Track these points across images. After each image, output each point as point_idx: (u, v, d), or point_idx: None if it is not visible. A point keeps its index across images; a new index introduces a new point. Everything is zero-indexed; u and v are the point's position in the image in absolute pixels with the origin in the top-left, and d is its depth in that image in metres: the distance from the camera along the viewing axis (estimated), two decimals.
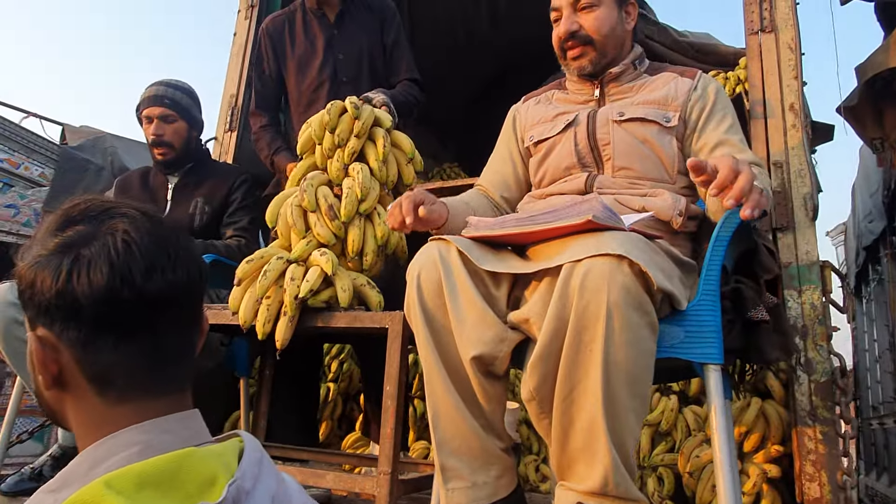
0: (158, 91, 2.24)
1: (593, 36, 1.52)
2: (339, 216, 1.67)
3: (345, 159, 1.77)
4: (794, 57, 2.01)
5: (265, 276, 1.54)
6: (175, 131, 2.24)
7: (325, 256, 1.59)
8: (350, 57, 2.30)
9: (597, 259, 1.07)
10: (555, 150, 1.57)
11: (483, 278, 1.26)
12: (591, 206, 1.12)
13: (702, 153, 1.47)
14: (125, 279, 0.67)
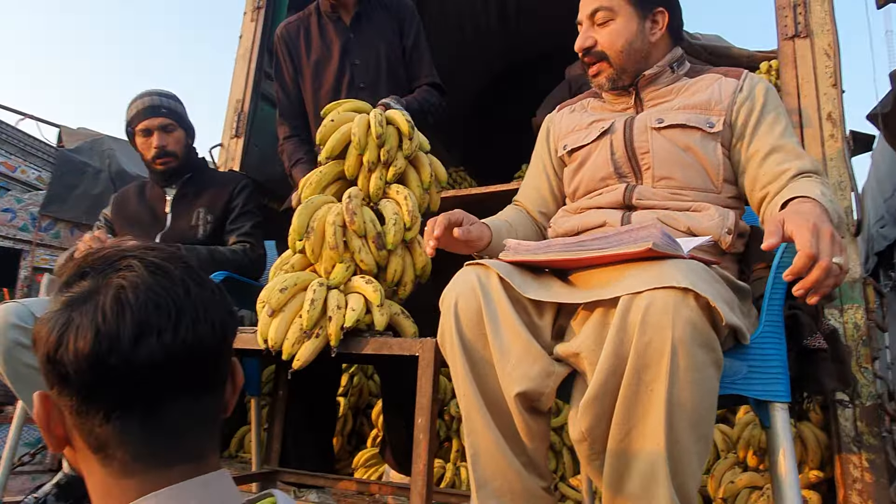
0: (153, 101, 2.13)
1: (607, 51, 1.43)
2: (385, 245, 1.57)
3: (388, 178, 1.67)
4: (831, 63, 1.93)
5: (313, 306, 1.42)
6: (177, 140, 2.15)
7: (372, 286, 1.50)
8: (367, 62, 2.20)
9: (659, 291, 0.98)
10: (590, 159, 1.48)
11: (526, 306, 1.18)
12: (649, 232, 1.04)
13: (753, 160, 1.36)
14: (112, 346, 0.60)
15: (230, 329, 0.68)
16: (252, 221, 2.17)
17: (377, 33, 2.23)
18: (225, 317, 0.67)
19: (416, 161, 1.74)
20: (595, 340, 1.06)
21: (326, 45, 2.23)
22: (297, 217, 1.58)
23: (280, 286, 1.46)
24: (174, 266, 0.66)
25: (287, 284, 1.46)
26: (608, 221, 1.38)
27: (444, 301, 1.22)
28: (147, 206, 2.20)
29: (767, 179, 1.32)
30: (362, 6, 2.24)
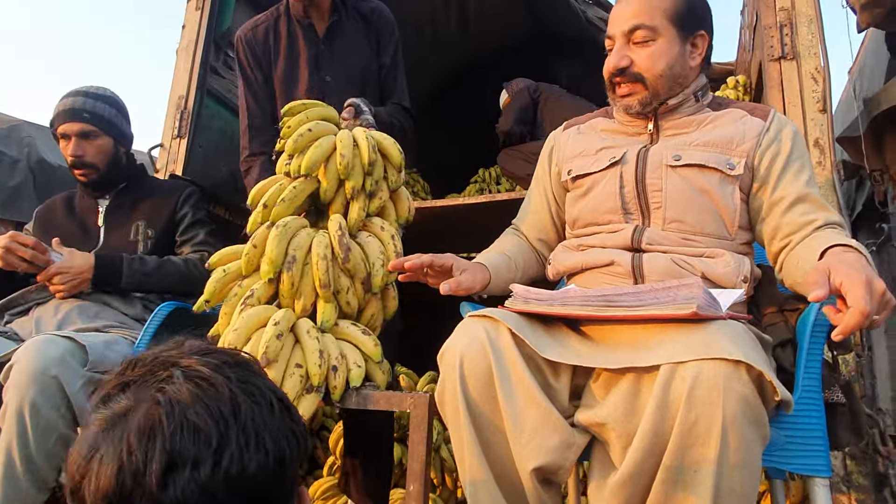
0: (76, 103, 1.85)
1: (645, 74, 1.31)
2: (371, 287, 1.40)
3: (371, 209, 1.50)
4: (819, 88, 1.89)
5: (323, 360, 1.24)
6: (98, 149, 1.87)
7: (371, 339, 1.33)
8: (339, 79, 1.97)
9: (707, 363, 0.87)
10: (595, 189, 1.36)
11: (540, 365, 1.05)
12: (692, 292, 0.92)
13: (777, 208, 1.27)
14: (136, 483, 0.49)
15: (292, 454, 0.55)
16: (206, 229, 1.95)
17: (352, 47, 2.01)
18: (285, 439, 0.54)
19: (396, 194, 1.58)
20: (626, 411, 0.94)
21: (295, 56, 1.99)
22: (273, 242, 1.35)
23: (274, 331, 1.24)
24: (224, 377, 0.54)
25: (282, 329, 1.26)
26: (616, 261, 1.27)
27: (446, 357, 1.08)
28: (77, 218, 1.93)
29: (791, 230, 1.24)
30: (339, 15, 2.01)
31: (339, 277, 1.38)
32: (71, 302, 1.72)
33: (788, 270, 1.20)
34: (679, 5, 1.31)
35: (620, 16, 1.33)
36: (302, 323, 1.30)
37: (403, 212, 1.57)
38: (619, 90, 1.34)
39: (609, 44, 1.35)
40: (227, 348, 0.63)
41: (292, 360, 1.24)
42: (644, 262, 1.25)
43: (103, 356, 1.50)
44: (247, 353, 0.65)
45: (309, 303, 1.37)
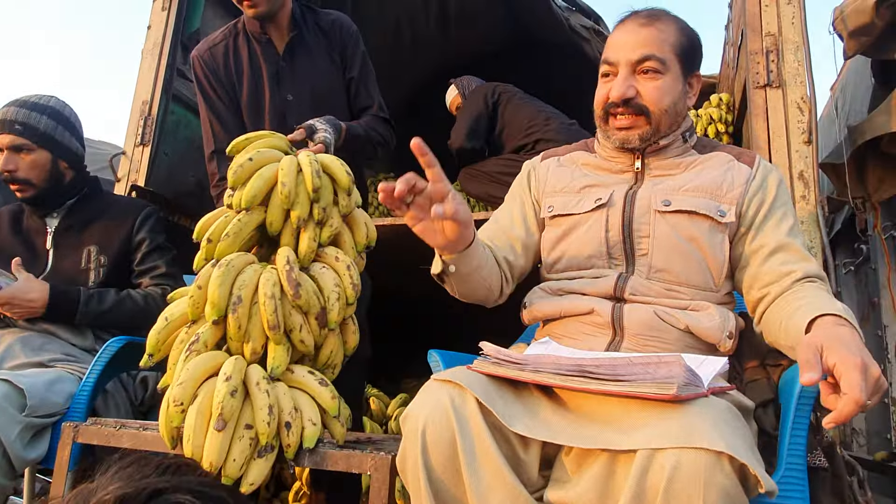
0: (7, 114, 1.71)
1: (651, 108, 1.23)
2: (327, 323, 1.30)
3: (322, 239, 1.39)
4: (805, 119, 1.83)
5: (272, 415, 1.14)
6: (32, 164, 1.73)
7: (328, 390, 1.22)
8: (301, 98, 1.86)
9: (688, 452, 0.80)
10: (578, 230, 1.29)
11: (507, 436, 0.97)
12: (671, 371, 0.85)
13: (756, 256, 1.22)
14: None
15: None
16: (166, 258, 1.81)
17: (314, 63, 1.89)
18: None
19: (351, 219, 1.47)
20: (599, 494, 0.87)
21: (256, 75, 1.86)
22: (215, 284, 1.24)
23: (228, 387, 1.13)
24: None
25: (236, 384, 1.14)
26: (597, 310, 1.20)
27: (409, 422, 1.00)
28: (23, 237, 1.79)
29: (770, 279, 1.20)
30: (298, 30, 1.89)
31: (291, 315, 1.27)
32: (13, 332, 1.60)
33: (770, 328, 1.15)
34: (684, 41, 1.25)
35: (628, 43, 1.24)
36: (252, 372, 1.20)
37: (361, 237, 1.45)
38: (618, 121, 1.26)
39: (607, 69, 1.27)
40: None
41: (241, 420, 1.14)
42: (625, 313, 1.19)
43: (44, 399, 1.40)
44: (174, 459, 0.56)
45: (259, 345, 1.26)
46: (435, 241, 1.11)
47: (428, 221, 1.08)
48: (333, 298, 1.31)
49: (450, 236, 1.10)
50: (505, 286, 1.35)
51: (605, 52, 1.28)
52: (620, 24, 1.29)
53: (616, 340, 1.19)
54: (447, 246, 1.13)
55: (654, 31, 1.24)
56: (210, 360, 1.21)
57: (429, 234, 1.10)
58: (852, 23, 1.89)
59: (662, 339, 1.18)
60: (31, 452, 1.36)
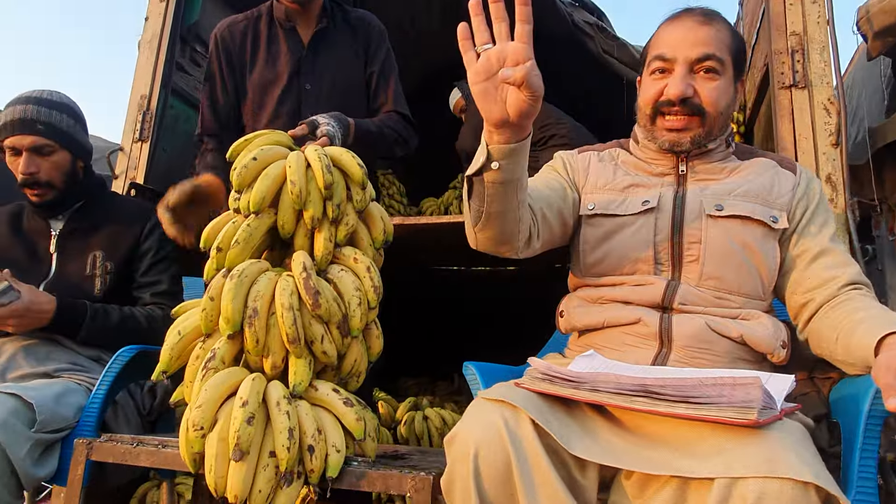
0: (27, 113, 1.59)
1: (708, 109, 1.18)
2: (350, 331, 1.23)
3: (339, 238, 1.30)
4: (832, 121, 1.80)
5: (293, 440, 1.06)
6: (54, 166, 1.63)
7: (353, 411, 1.15)
8: (320, 90, 1.81)
9: (772, 482, 0.75)
10: (623, 233, 1.24)
11: (565, 459, 0.92)
12: (749, 393, 0.80)
13: (800, 261, 1.20)
14: None
15: None
16: (169, 274, 1.72)
17: (337, 59, 1.84)
18: None
19: (367, 214, 1.37)
20: None
21: (274, 59, 1.81)
22: (229, 297, 1.15)
23: (244, 413, 1.04)
24: None
25: (252, 409, 1.06)
26: (644, 320, 1.16)
27: (458, 445, 0.94)
28: (24, 240, 1.68)
29: (813, 284, 1.18)
30: (327, 22, 1.85)
31: (311, 326, 1.19)
32: (14, 342, 1.51)
33: (821, 339, 1.12)
34: (738, 45, 1.22)
35: (687, 39, 1.19)
36: (272, 391, 1.12)
37: (378, 233, 1.37)
38: (669, 121, 1.21)
39: (661, 65, 1.21)
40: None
41: (265, 448, 1.07)
42: (674, 325, 1.14)
43: (53, 413, 1.32)
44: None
45: (279, 359, 1.19)
46: (490, 112, 0.96)
47: (490, 83, 0.94)
48: (355, 304, 1.24)
49: (511, 111, 0.94)
50: (533, 237, 1.22)
51: (657, 48, 1.22)
52: (675, 20, 1.24)
53: (663, 353, 1.15)
54: (502, 123, 0.96)
55: (713, 31, 1.19)
56: (228, 380, 1.14)
57: (487, 99, 0.95)
58: (878, 23, 1.86)
59: (712, 350, 1.13)
60: (40, 470, 1.28)
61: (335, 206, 1.28)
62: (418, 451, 1.40)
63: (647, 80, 1.26)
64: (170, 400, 1.26)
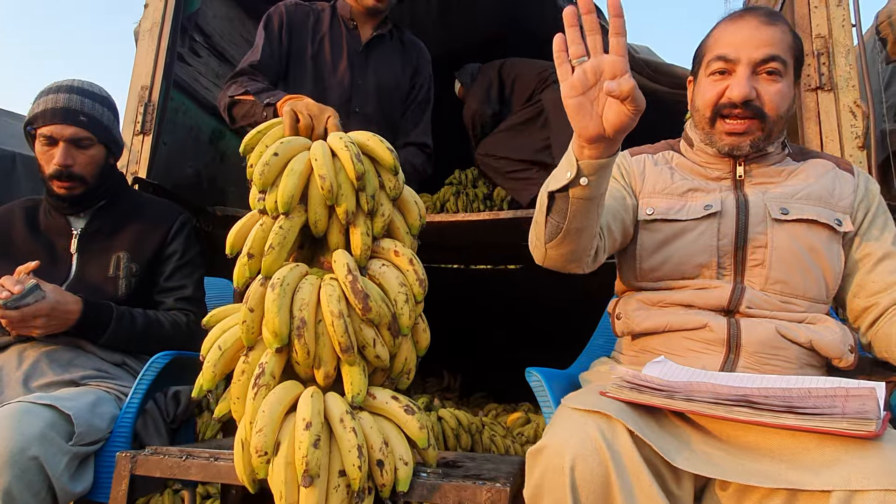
0: (71, 102, 1.52)
1: (769, 113, 1.17)
2: (400, 330, 1.17)
3: (377, 230, 1.23)
4: (858, 123, 1.82)
5: (362, 457, 1.01)
6: (90, 160, 1.56)
7: (416, 418, 1.09)
8: (368, 88, 1.89)
9: (894, 495, 0.74)
10: (685, 238, 1.22)
11: (659, 469, 0.90)
12: (864, 404, 0.79)
13: (863, 264, 1.20)
14: None
15: None
16: (194, 279, 1.65)
17: (387, 65, 1.95)
18: None
19: (401, 201, 1.29)
20: None
21: (334, 47, 1.88)
22: (273, 309, 1.08)
23: (310, 437, 0.99)
24: None
25: (318, 431, 1.01)
26: (710, 325, 1.14)
27: (550, 458, 0.91)
28: (42, 239, 1.59)
29: (878, 288, 1.19)
30: (383, 31, 1.96)
31: (361, 331, 1.14)
32: (36, 347, 1.43)
33: (893, 346, 1.12)
34: (799, 45, 1.20)
35: (752, 40, 1.17)
36: (332, 407, 1.06)
37: (414, 219, 1.29)
38: (728, 125, 1.19)
39: (725, 66, 1.19)
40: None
41: (333, 467, 1.01)
42: (742, 329, 1.13)
43: (90, 425, 1.25)
44: None
45: (331, 368, 1.13)
46: (585, 127, 0.93)
47: (585, 97, 0.91)
48: (402, 301, 1.17)
49: (608, 126, 0.92)
50: (600, 251, 1.20)
51: (718, 48, 1.20)
52: (738, 19, 1.22)
53: (731, 359, 1.14)
54: (597, 138, 0.93)
55: (778, 32, 1.18)
56: (284, 397, 1.07)
57: (583, 113, 0.92)
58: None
59: (781, 356, 1.13)
60: (77, 485, 1.21)
61: (369, 196, 1.20)
62: (467, 458, 1.37)
63: (706, 81, 1.24)
64: (214, 415, 1.20)
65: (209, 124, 2.98)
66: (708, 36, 1.28)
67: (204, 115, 2.91)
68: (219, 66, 3.05)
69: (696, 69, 1.29)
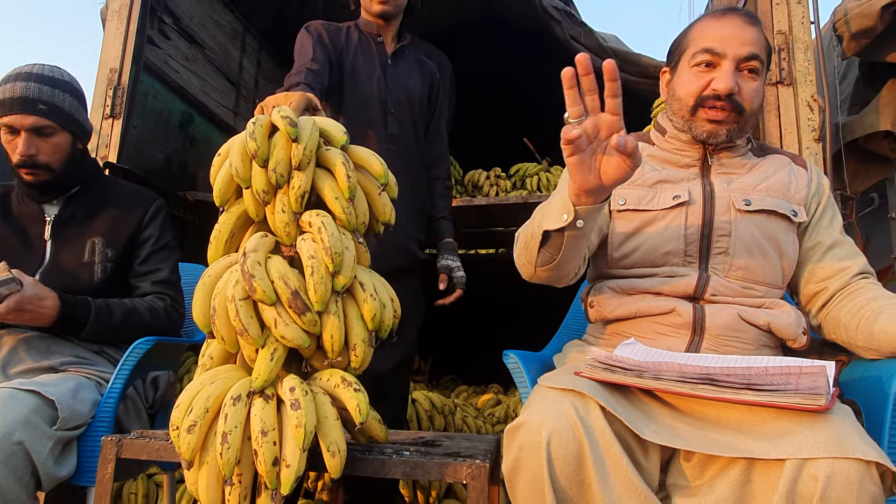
0: (28, 91, 1.48)
1: (746, 107, 1.24)
2: (310, 306, 1.12)
3: (293, 205, 1.19)
4: (815, 117, 1.91)
5: (227, 448, 1.00)
6: (55, 148, 1.53)
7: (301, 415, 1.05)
8: (399, 92, 1.98)
9: (841, 462, 0.82)
10: (654, 226, 1.29)
11: (629, 443, 0.97)
12: (815, 381, 0.87)
13: (814, 252, 1.30)
14: None
15: None
16: (170, 263, 1.65)
17: (409, 73, 2.04)
18: None
19: (326, 165, 1.23)
20: (736, 502, 0.88)
21: (369, 58, 1.97)
22: (196, 300, 1.14)
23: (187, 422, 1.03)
24: None
25: (195, 418, 1.03)
26: (678, 310, 1.21)
27: (527, 434, 0.96)
28: (14, 225, 1.57)
29: (827, 274, 1.28)
30: (402, 42, 2.05)
31: (264, 311, 1.12)
32: (13, 334, 1.42)
33: (839, 326, 1.21)
34: (769, 47, 1.28)
35: (737, 37, 1.23)
36: (232, 391, 1.07)
37: (342, 179, 1.20)
38: (710, 113, 1.25)
39: (711, 59, 1.24)
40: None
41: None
42: (707, 315, 1.20)
43: (73, 409, 1.26)
44: None
45: (251, 351, 1.13)
46: (584, 180, 0.98)
47: (587, 154, 0.97)
48: (308, 274, 1.12)
49: (606, 178, 0.98)
50: (582, 265, 1.29)
51: (704, 42, 1.26)
52: (721, 17, 1.27)
53: (695, 341, 1.21)
54: (596, 189, 1.00)
55: (758, 33, 1.25)
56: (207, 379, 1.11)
57: (583, 168, 0.97)
58: (856, 26, 1.99)
59: (741, 339, 1.20)
60: (61, 469, 1.23)
61: (273, 172, 1.17)
62: (445, 437, 1.42)
63: (690, 71, 1.29)
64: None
65: (179, 108, 2.95)
66: (689, 30, 1.34)
67: (174, 99, 2.87)
68: (188, 49, 3.00)
69: (676, 60, 1.34)
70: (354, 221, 1.22)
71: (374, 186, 1.30)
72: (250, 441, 1.05)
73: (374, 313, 1.18)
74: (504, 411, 2.90)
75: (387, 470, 1.12)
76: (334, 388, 1.14)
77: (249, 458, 1.05)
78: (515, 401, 3.03)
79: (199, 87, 3.10)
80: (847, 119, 2.25)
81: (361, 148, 1.31)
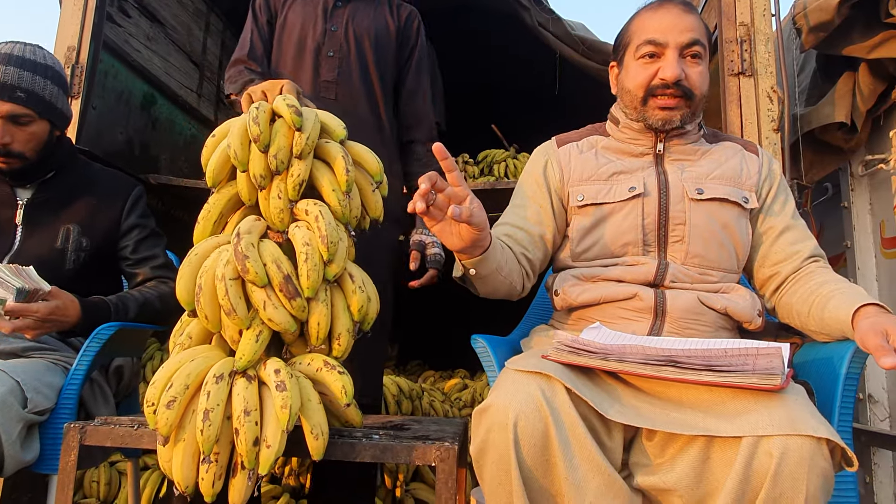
0: (7, 76, 1.42)
1: (695, 92, 1.29)
2: (301, 291, 1.15)
3: (290, 193, 1.21)
4: (774, 108, 1.97)
5: (208, 425, 1.01)
6: (31, 137, 1.48)
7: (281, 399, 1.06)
8: (345, 35, 1.77)
9: (794, 439, 0.86)
10: (612, 219, 1.32)
11: (593, 423, 0.99)
12: (771, 362, 0.90)
13: (767, 236, 1.34)
14: None
15: None
16: (161, 247, 1.62)
17: (366, 16, 1.82)
18: None
19: (325, 157, 1.26)
20: (695, 478, 0.92)
21: (309, 4, 1.80)
22: (181, 278, 1.14)
23: (166, 398, 1.03)
24: None
25: (175, 394, 1.04)
26: (640, 295, 1.25)
27: (494, 415, 0.98)
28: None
29: (780, 258, 1.33)
30: None
31: (253, 293, 1.14)
32: None
33: (792, 310, 1.26)
34: (710, 33, 1.33)
35: (677, 26, 1.27)
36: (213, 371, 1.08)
37: (341, 172, 1.23)
38: (661, 101, 1.28)
39: (652, 49, 1.28)
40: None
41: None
42: (668, 299, 1.24)
43: (39, 392, 1.24)
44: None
45: (234, 332, 1.16)
46: (452, 243, 1.13)
47: (445, 223, 1.10)
48: (301, 260, 1.15)
49: (465, 239, 1.11)
50: (526, 281, 1.37)
51: (645, 34, 1.29)
52: (658, 8, 1.31)
53: (657, 325, 1.25)
54: (464, 249, 1.14)
55: (697, 19, 1.29)
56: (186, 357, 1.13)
57: (446, 235, 1.11)
58: (814, 19, 2.04)
59: (701, 321, 1.25)
60: (27, 453, 1.20)
61: (273, 158, 1.19)
62: (414, 421, 1.44)
63: (636, 64, 1.32)
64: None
65: (141, 89, 2.87)
66: (629, 24, 1.37)
67: (135, 79, 2.80)
68: (150, 28, 2.92)
69: (621, 55, 1.37)
70: (348, 214, 1.25)
71: (368, 183, 1.34)
72: (230, 420, 1.06)
73: (361, 305, 1.23)
74: (470, 395, 2.93)
75: (356, 454, 1.13)
76: (316, 372, 1.16)
77: (228, 438, 1.07)
78: (482, 385, 3.07)
79: (161, 67, 3.02)
80: (804, 110, 2.32)
81: (358, 144, 1.35)
